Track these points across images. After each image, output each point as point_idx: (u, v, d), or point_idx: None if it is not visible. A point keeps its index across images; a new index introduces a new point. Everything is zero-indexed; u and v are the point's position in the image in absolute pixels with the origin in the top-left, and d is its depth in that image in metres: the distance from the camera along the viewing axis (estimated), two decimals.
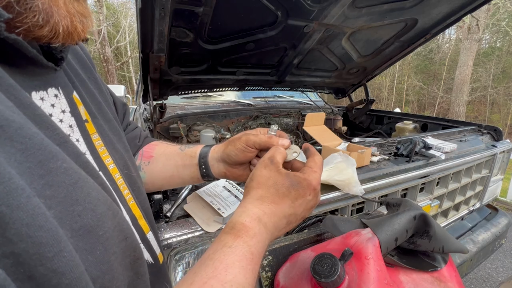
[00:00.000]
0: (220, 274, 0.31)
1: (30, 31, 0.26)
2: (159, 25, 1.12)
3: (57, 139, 0.27)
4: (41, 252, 0.19)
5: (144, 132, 0.68)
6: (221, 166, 0.56)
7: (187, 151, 0.59)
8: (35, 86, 0.29)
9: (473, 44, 9.35)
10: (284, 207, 0.42)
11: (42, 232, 0.20)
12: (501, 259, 2.49)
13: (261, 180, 0.44)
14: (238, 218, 0.39)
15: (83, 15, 0.30)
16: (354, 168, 0.98)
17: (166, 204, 0.84)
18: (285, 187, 0.43)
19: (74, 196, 0.25)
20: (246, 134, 0.53)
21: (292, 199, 0.43)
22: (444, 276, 0.65)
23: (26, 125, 0.21)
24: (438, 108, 18.17)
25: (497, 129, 1.74)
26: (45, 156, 0.22)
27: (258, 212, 0.40)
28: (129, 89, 17.13)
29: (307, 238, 0.90)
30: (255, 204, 0.41)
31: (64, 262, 0.21)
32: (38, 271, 0.19)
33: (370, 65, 2.21)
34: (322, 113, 1.68)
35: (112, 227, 0.29)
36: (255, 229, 0.38)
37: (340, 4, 1.38)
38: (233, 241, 0.35)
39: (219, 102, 2.43)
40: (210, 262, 0.33)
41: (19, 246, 0.18)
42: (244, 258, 0.34)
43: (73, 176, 0.25)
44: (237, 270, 0.32)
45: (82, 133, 0.36)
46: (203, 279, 0.30)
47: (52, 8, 0.26)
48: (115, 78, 12.25)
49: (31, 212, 0.19)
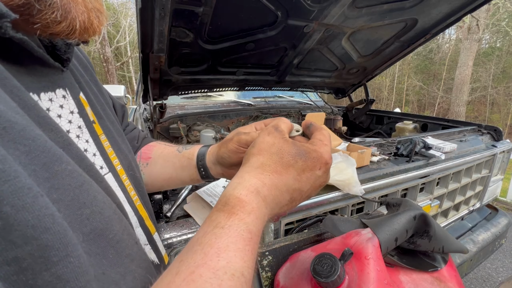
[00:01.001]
0: (211, 261, 0.26)
1: (48, 27, 0.26)
2: (159, 25, 1.13)
3: (61, 141, 0.26)
4: (46, 256, 0.19)
5: (143, 133, 0.67)
6: (218, 168, 0.54)
7: (185, 153, 0.58)
8: (43, 87, 0.29)
9: (473, 44, 9.36)
10: (288, 179, 0.36)
11: (48, 235, 0.19)
12: (501, 259, 2.49)
13: (263, 146, 0.38)
14: (232, 191, 0.33)
15: (99, 10, 0.30)
16: (354, 168, 0.98)
17: (166, 204, 0.84)
18: (291, 155, 0.37)
19: (81, 199, 0.24)
20: (237, 133, 0.49)
21: (298, 171, 0.37)
22: (444, 276, 0.65)
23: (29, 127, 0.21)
24: (438, 108, 18.17)
25: (497, 129, 1.74)
26: (49, 159, 0.22)
27: (257, 183, 0.34)
28: (129, 89, 17.13)
29: (307, 238, 0.90)
30: (253, 173, 0.36)
31: (70, 268, 0.20)
32: (42, 277, 0.18)
33: (370, 65, 2.21)
34: (322, 113, 1.68)
35: (120, 230, 0.29)
36: (252, 203, 0.33)
37: (340, 4, 1.38)
38: (227, 220, 0.30)
39: (219, 102, 2.44)
40: (198, 248, 0.28)
41: (23, 249, 0.17)
42: (241, 238, 0.29)
43: (78, 179, 0.25)
44: (232, 254, 0.27)
45: (91, 134, 0.36)
46: (190, 268, 0.26)
47: (70, 4, 0.26)
48: (115, 78, 12.24)
49: (37, 213, 0.19)
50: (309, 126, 0.44)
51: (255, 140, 0.40)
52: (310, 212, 0.96)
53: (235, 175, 0.37)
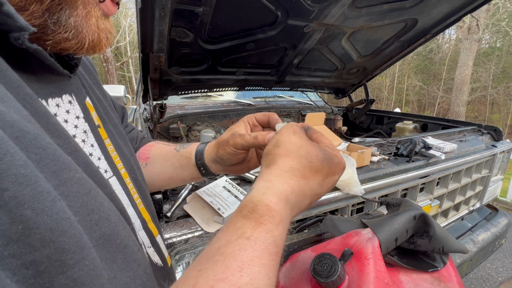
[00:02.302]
0: (233, 276, 0.24)
1: (59, 43, 0.28)
2: (159, 25, 1.13)
3: (68, 148, 0.27)
4: (63, 259, 0.19)
5: (141, 133, 0.68)
6: (218, 166, 0.54)
7: (182, 152, 0.58)
8: (51, 93, 0.30)
9: (473, 44, 9.36)
10: (313, 184, 0.35)
11: (65, 238, 0.19)
12: (501, 259, 2.49)
13: (291, 147, 0.36)
14: (261, 196, 0.31)
15: (109, 31, 0.33)
16: (354, 168, 0.98)
17: (166, 204, 0.84)
18: (319, 160, 0.35)
19: (89, 205, 0.25)
20: (232, 136, 0.48)
21: (324, 176, 0.36)
22: (444, 276, 0.65)
23: (40, 136, 0.21)
24: (438, 108, 18.18)
25: (497, 129, 1.74)
26: (58, 167, 0.22)
27: (287, 189, 0.33)
28: (129, 89, 17.14)
29: (307, 238, 0.90)
30: (283, 178, 0.34)
31: (86, 271, 0.20)
32: (58, 280, 0.18)
33: (370, 65, 2.21)
34: (322, 113, 1.68)
35: (126, 236, 0.29)
36: (282, 213, 0.31)
37: (340, 4, 1.38)
38: (253, 230, 0.28)
39: (219, 102, 2.43)
40: (220, 258, 0.26)
41: (41, 253, 0.18)
42: (267, 252, 0.27)
43: (86, 186, 0.25)
44: (257, 269, 0.25)
45: (96, 138, 0.36)
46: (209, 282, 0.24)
47: (83, 24, 0.28)
48: (115, 78, 12.24)
49: (55, 217, 0.19)
50: (307, 130, 0.43)
51: (277, 138, 0.38)
52: (310, 212, 0.96)
53: (260, 176, 0.35)
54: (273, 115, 0.50)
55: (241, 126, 0.51)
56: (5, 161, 0.17)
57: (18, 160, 0.18)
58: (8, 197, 0.17)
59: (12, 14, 0.22)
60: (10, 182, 0.17)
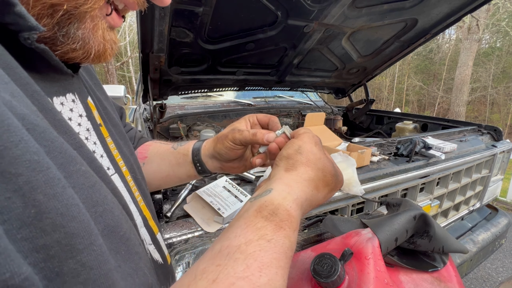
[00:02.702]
0: (253, 275, 0.25)
1: (66, 53, 0.29)
2: (159, 25, 1.13)
3: (74, 144, 0.28)
4: (72, 244, 0.20)
5: (139, 133, 0.68)
6: (215, 163, 0.55)
7: (180, 149, 0.59)
8: (55, 91, 0.31)
9: (473, 44, 9.35)
10: (321, 196, 0.38)
11: (75, 223, 0.20)
12: (501, 259, 2.49)
13: (312, 157, 0.38)
14: (282, 200, 0.33)
15: (114, 42, 0.34)
16: (354, 168, 0.98)
17: (166, 204, 0.84)
18: (331, 175, 0.39)
19: (94, 198, 0.25)
20: (232, 131, 0.50)
21: (329, 190, 0.39)
22: (444, 276, 0.65)
23: (48, 129, 0.22)
24: (438, 108, 18.17)
25: (497, 129, 1.74)
26: (65, 159, 0.23)
27: (303, 197, 0.35)
28: (129, 89, 17.13)
29: (307, 238, 0.90)
30: (302, 186, 0.36)
31: (94, 256, 0.21)
32: (67, 264, 0.19)
33: (370, 65, 2.21)
34: (322, 113, 1.68)
35: (128, 229, 0.30)
36: (298, 219, 0.33)
37: (340, 4, 1.38)
38: (274, 233, 0.29)
39: (219, 102, 2.43)
40: (240, 256, 0.27)
41: (52, 237, 0.18)
42: (284, 256, 0.29)
43: (91, 179, 0.26)
44: (274, 271, 0.27)
45: (99, 136, 0.37)
46: (230, 279, 0.25)
47: (90, 36, 0.30)
48: (115, 78, 12.23)
49: (66, 202, 0.20)
50: None
51: (300, 145, 0.40)
52: (310, 212, 0.96)
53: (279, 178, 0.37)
54: (274, 118, 0.51)
55: (241, 122, 0.52)
56: (20, 148, 0.17)
57: (31, 147, 0.18)
58: (22, 182, 0.17)
59: (24, 14, 0.23)
60: (24, 168, 0.17)
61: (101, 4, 0.29)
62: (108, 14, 0.32)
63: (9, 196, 0.16)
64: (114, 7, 0.33)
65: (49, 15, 0.26)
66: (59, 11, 0.26)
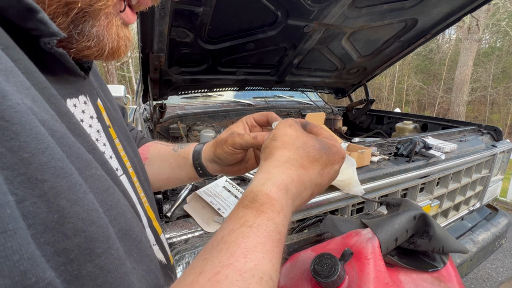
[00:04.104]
0: (238, 262, 0.25)
1: (81, 51, 0.30)
2: (159, 25, 1.13)
3: (87, 146, 0.28)
4: (92, 248, 0.20)
5: (141, 134, 0.68)
6: (215, 166, 0.54)
7: (180, 152, 0.58)
8: (69, 93, 0.31)
9: (473, 44, 9.35)
10: (312, 174, 0.36)
11: (94, 228, 0.21)
12: (501, 259, 2.49)
13: (287, 139, 0.37)
14: (261, 187, 0.32)
15: (128, 39, 0.34)
16: (354, 168, 0.98)
17: (166, 204, 0.84)
18: (316, 150, 0.36)
19: (108, 202, 0.26)
20: (232, 135, 0.49)
21: (322, 166, 0.37)
22: (444, 276, 0.65)
23: (66, 135, 0.23)
24: (438, 108, 18.17)
25: (497, 129, 1.74)
26: (82, 164, 0.24)
27: (286, 179, 0.34)
28: (129, 89, 17.13)
29: (307, 238, 0.90)
30: (282, 168, 0.35)
31: (111, 259, 0.22)
32: (86, 268, 0.20)
33: (370, 65, 2.21)
34: (322, 113, 1.68)
35: (140, 232, 0.30)
36: (282, 201, 0.32)
37: (340, 4, 1.38)
38: (255, 218, 0.29)
39: (219, 102, 2.43)
40: (224, 246, 0.27)
41: (72, 241, 0.19)
42: (270, 239, 0.28)
43: (105, 183, 0.26)
44: (260, 255, 0.26)
45: (108, 138, 0.37)
46: (215, 268, 0.25)
47: (104, 33, 0.30)
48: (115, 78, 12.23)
49: (86, 208, 0.20)
50: (306, 125, 0.43)
51: (274, 133, 0.39)
52: (310, 212, 0.96)
53: (259, 169, 0.36)
54: (271, 114, 0.51)
55: (240, 126, 0.51)
56: (46, 154, 0.18)
57: (56, 154, 0.19)
58: (47, 188, 0.18)
59: (46, 20, 0.23)
60: (49, 174, 0.18)
61: (115, 1, 0.29)
62: (122, 11, 0.32)
63: (34, 201, 0.17)
64: (127, 4, 0.33)
65: (64, 13, 0.27)
66: (74, 9, 0.27)
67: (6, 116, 0.16)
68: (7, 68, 0.19)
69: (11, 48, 0.22)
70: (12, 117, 0.17)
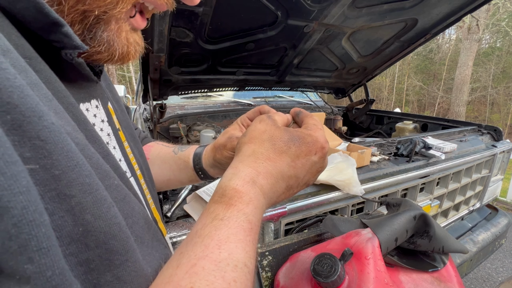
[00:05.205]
0: (212, 253, 0.26)
1: (92, 55, 0.31)
2: (159, 25, 1.13)
3: (102, 152, 0.28)
4: (111, 259, 0.22)
5: (143, 134, 0.68)
6: (217, 170, 0.54)
7: (181, 155, 0.58)
8: (82, 98, 0.32)
9: (473, 44, 9.35)
10: (282, 166, 0.36)
11: (115, 241, 0.22)
12: (501, 259, 2.49)
13: (254, 134, 0.38)
14: (228, 182, 0.34)
15: (138, 43, 0.35)
16: (354, 168, 0.98)
17: (166, 204, 0.84)
18: (283, 142, 0.36)
19: (125, 210, 0.27)
20: (230, 139, 0.48)
21: (292, 157, 0.36)
22: (444, 276, 0.65)
23: (87, 146, 0.24)
24: (438, 108, 18.17)
25: (497, 129, 1.74)
26: (101, 175, 0.24)
27: (251, 172, 0.34)
28: (129, 89, 17.11)
29: (307, 238, 0.90)
30: (246, 162, 0.35)
31: (128, 271, 0.23)
32: (104, 277, 0.21)
33: (370, 65, 2.21)
34: (322, 113, 1.68)
35: (151, 237, 0.32)
36: (250, 193, 0.32)
37: (340, 4, 1.38)
38: (225, 211, 0.30)
39: (219, 102, 2.44)
40: (198, 240, 0.28)
41: (94, 252, 0.20)
42: (241, 229, 0.29)
43: (122, 192, 0.27)
44: (233, 245, 0.27)
45: (117, 141, 0.38)
46: (191, 261, 0.26)
47: (115, 38, 0.31)
48: (115, 78, 12.23)
49: (109, 222, 0.22)
50: (298, 114, 0.43)
51: (247, 129, 0.40)
52: (310, 212, 0.96)
53: (229, 166, 0.37)
54: (263, 107, 0.49)
55: (236, 128, 0.50)
56: (75, 171, 0.20)
57: (84, 171, 0.21)
58: (75, 203, 0.20)
59: (70, 34, 0.25)
60: (77, 190, 0.20)
61: (128, 7, 0.30)
62: (132, 16, 0.33)
63: (62, 215, 0.19)
64: (138, 9, 0.34)
65: (80, 21, 0.28)
66: (90, 17, 0.27)
67: (41, 136, 0.18)
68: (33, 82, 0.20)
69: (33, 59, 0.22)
70: (46, 136, 0.18)
